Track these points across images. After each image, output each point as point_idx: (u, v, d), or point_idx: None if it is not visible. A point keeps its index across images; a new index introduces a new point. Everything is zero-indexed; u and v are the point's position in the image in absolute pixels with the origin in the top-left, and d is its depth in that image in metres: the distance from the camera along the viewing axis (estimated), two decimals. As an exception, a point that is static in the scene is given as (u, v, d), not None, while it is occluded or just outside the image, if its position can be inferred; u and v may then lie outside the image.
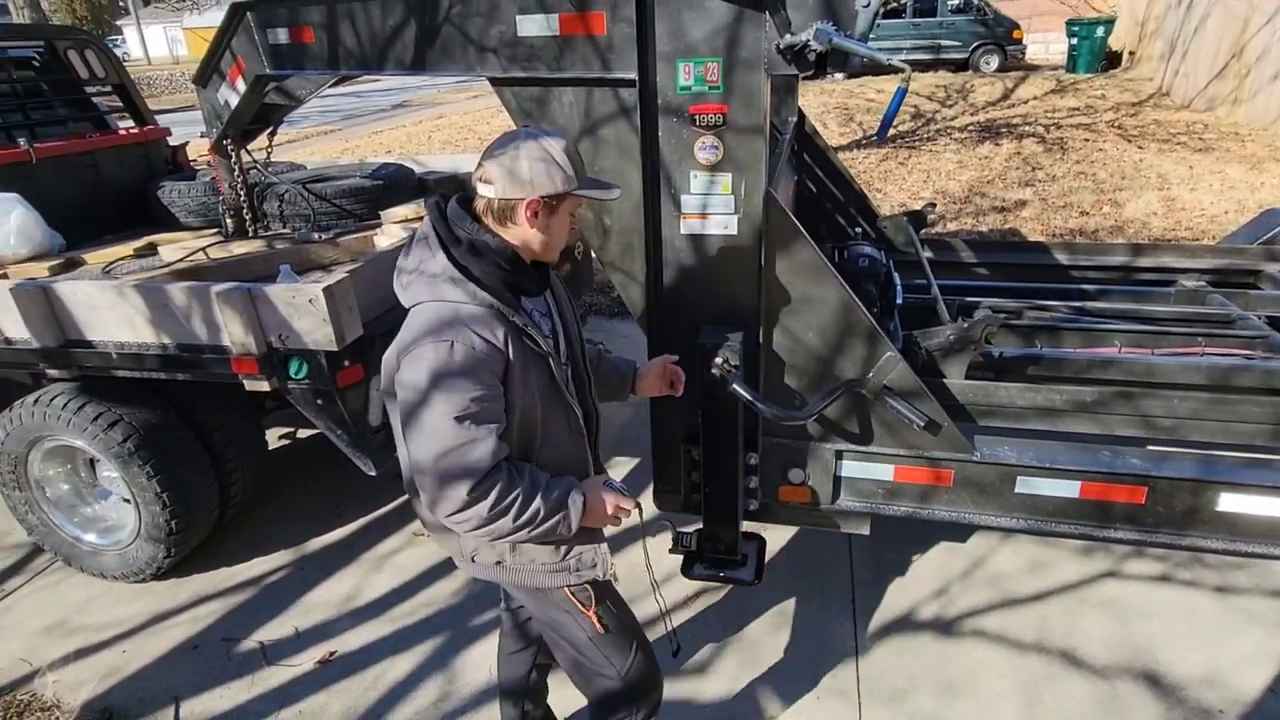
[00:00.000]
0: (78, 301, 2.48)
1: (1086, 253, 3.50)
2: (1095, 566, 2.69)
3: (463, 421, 1.31)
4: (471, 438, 1.31)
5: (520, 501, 1.36)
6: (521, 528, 1.38)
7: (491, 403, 1.34)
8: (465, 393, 1.31)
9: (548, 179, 1.37)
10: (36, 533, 2.91)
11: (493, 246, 1.40)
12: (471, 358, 1.31)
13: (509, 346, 1.36)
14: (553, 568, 1.56)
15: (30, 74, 4.25)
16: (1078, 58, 13.35)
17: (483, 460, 1.32)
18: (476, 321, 1.34)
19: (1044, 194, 6.95)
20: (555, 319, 1.56)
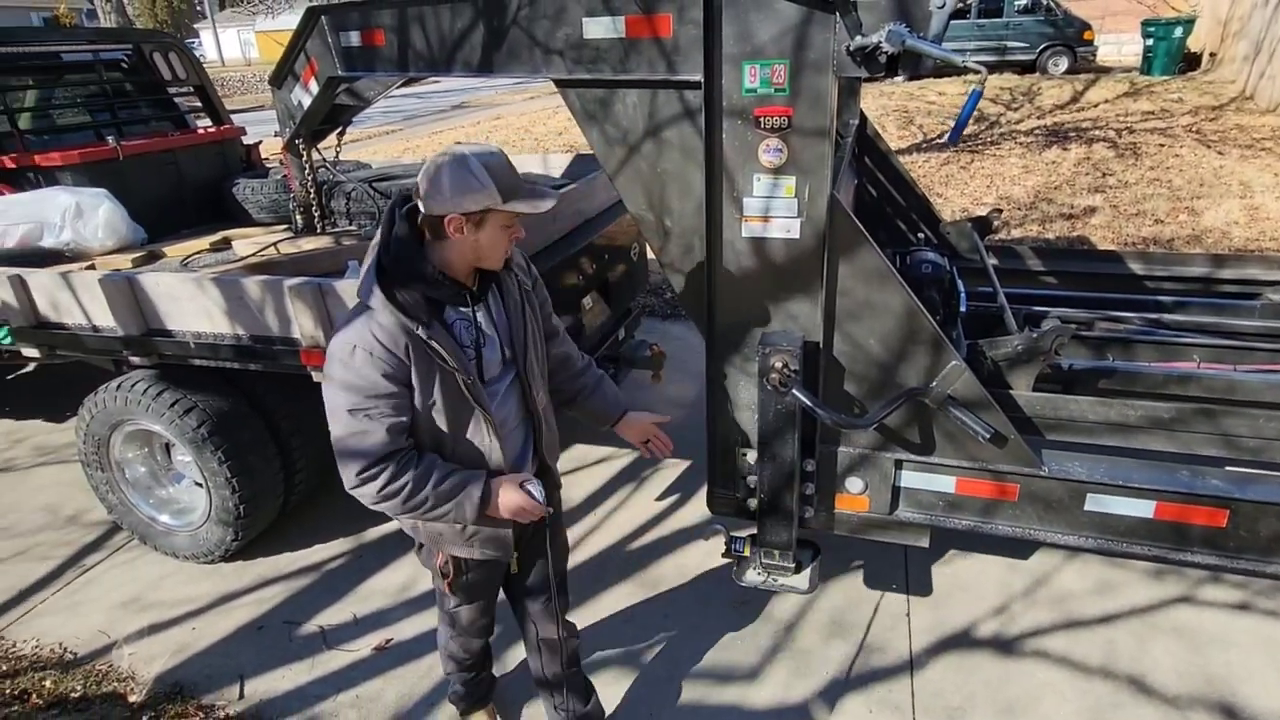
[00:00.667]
0: (160, 293, 2.60)
1: (1162, 263, 3.35)
2: (1168, 590, 2.57)
3: (355, 414, 1.49)
4: (361, 429, 1.49)
5: (408, 490, 1.52)
6: (410, 511, 1.56)
7: (385, 401, 1.49)
8: (359, 392, 1.48)
9: (467, 196, 1.45)
10: (115, 512, 3.06)
11: (416, 262, 1.51)
12: (368, 362, 1.47)
13: (410, 356, 1.50)
14: (459, 542, 1.74)
15: (118, 75, 4.49)
16: (1153, 59, 12.78)
17: (370, 451, 1.50)
18: (381, 330, 1.47)
19: (1115, 201, 6.68)
20: (485, 329, 1.63)
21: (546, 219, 3.23)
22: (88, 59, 4.32)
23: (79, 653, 2.60)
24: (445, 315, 1.57)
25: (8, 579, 2.99)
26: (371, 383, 1.48)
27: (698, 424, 2.35)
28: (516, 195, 1.49)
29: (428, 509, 1.57)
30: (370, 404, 1.49)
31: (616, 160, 2.13)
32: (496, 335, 1.66)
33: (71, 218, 3.40)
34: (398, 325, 1.48)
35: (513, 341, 1.69)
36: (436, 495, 1.55)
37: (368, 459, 1.50)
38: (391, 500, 1.54)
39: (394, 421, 1.51)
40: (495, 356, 1.66)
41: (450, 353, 1.52)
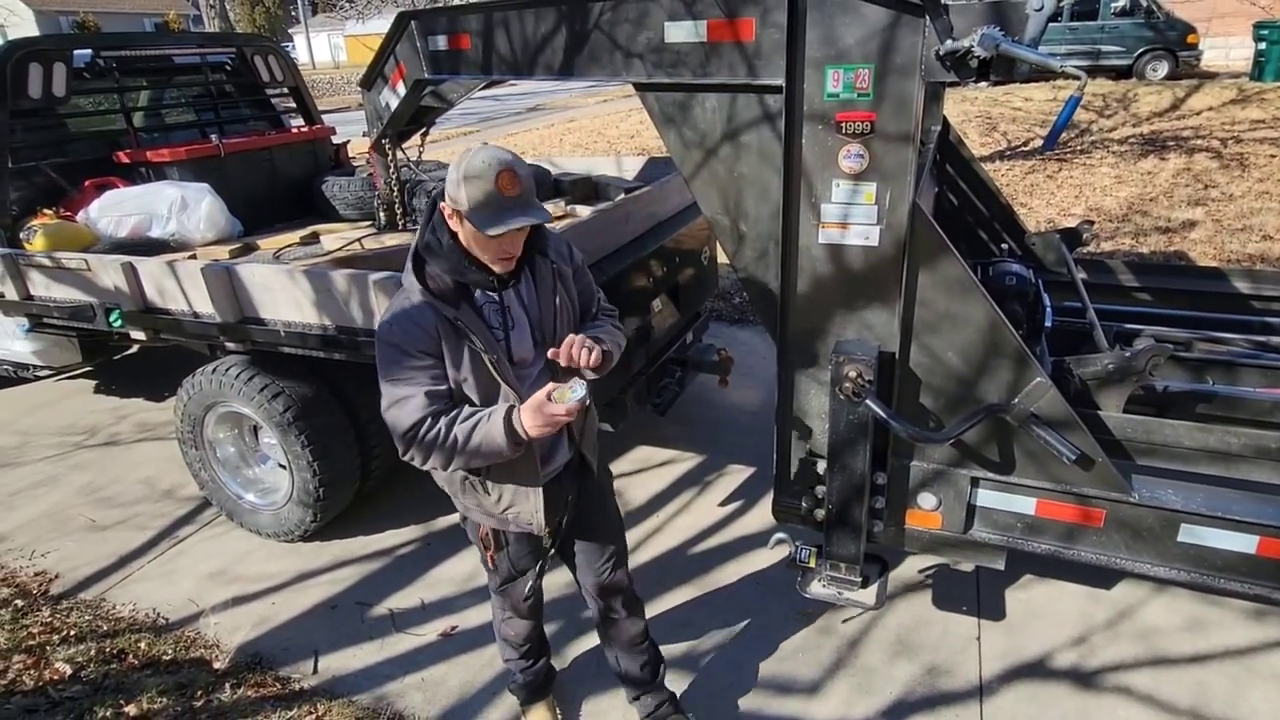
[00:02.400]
0: (255, 283, 2.75)
1: (1271, 281, 3.13)
2: (1269, 633, 2.40)
3: (396, 384, 1.61)
4: (401, 396, 1.60)
5: (440, 434, 1.59)
6: (448, 455, 1.61)
7: (420, 371, 1.60)
8: (396, 364, 1.60)
9: (451, 188, 1.55)
10: (206, 488, 3.25)
11: (444, 245, 1.61)
12: (402, 337, 1.59)
13: (440, 333, 1.59)
14: (493, 516, 1.83)
15: (222, 77, 4.76)
16: (1265, 64, 11.94)
17: (408, 416, 1.59)
18: (415, 308, 1.60)
19: (1218, 215, 6.27)
20: (515, 313, 1.70)
21: (618, 221, 3.26)
22: (195, 61, 4.61)
23: (170, 619, 2.77)
24: (475, 299, 1.66)
25: (110, 545, 3.22)
26: (406, 354, 1.59)
27: (765, 430, 2.33)
28: (482, 210, 1.52)
29: (461, 448, 1.60)
30: (407, 374, 1.59)
31: (693, 163, 2.13)
32: (527, 319, 1.72)
33: (177, 210, 3.63)
34: (427, 305, 1.59)
35: (543, 326, 1.73)
36: (463, 429, 1.59)
37: (408, 421, 1.59)
38: (432, 452, 1.60)
39: (430, 388, 1.60)
40: (525, 340, 1.72)
41: (477, 332, 1.61)
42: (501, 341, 1.67)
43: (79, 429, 4.27)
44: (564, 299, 1.76)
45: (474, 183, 1.51)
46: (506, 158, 1.54)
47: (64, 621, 2.75)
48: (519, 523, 1.84)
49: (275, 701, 2.35)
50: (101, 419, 4.38)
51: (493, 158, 1.53)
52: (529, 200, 1.56)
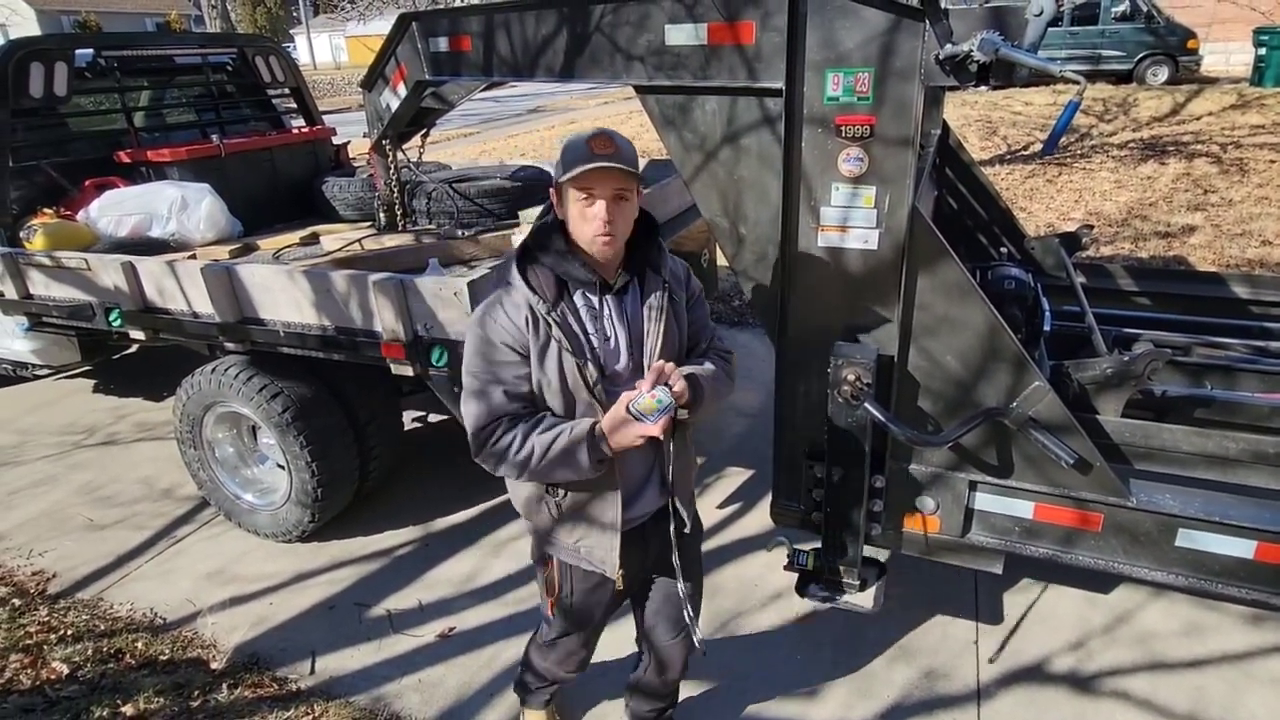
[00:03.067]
0: (255, 283, 2.75)
1: (1270, 287, 3.13)
2: (1266, 638, 2.40)
3: (477, 379, 1.53)
4: (480, 391, 1.52)
5: (516, 441, 1.50)
6: (526, 463, 1.50)
7: (505, 368, 1.52)
8: (482, 357, 1.53)
9: (554, 170, 1.52)
10: (205, 488, 3.25)
11: (554, 236, 1.55)
12: (491, 329, 1.52)
13: (530, 330, 1.51)
14: (564, 546, 1.70)
15: (223, 77, 4.77)
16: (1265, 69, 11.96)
17: (484, 413, 1.52)
18: (509, 302, 1.53)
19: (1217, 220, 6.28)
20: (615, 323, 1.58)
21: (619, 223, 3.27)
22: (196, 62, 4.61)
23: (168, 619, 2.77)
24: (575, 299, 1.56)
25: (108, 545, 3.22)
26: (492, 349, 1.52)
27: (763, 433, 2.33)
28: (571, 166, 1.45)
29: (538, 460, 1.49)
30: (491, 370, 1.52)
31: (693, 166, 2.14)
32: (626, 333, 1.59)
33: (177, 210, 3.64)
34: (522, 297, 1.51)
35: (641, 345, 1.59)
36: (542, 440, 1.49)
37: (482, 420, 1.52)
38: (505, 459, 1.51)
39: (512, 388, 1.52)
40: (619, 353, 1.59)
41: (568, 333, 1.51)
42: (594, 349, 1.55)
43: (78, 428, 4.27)
44: (670, 324, 1.60)
45: (570, 147, 1.47)
46: (605, 128, 1.50)
47: (61, 621, 2.74)
48: (591, 559, 1.68)
49: (272, 702, 2.35)
50: (100, 418, 4.38)
51: (592, 129, 1.50)
52: (624, 159, 1.46)
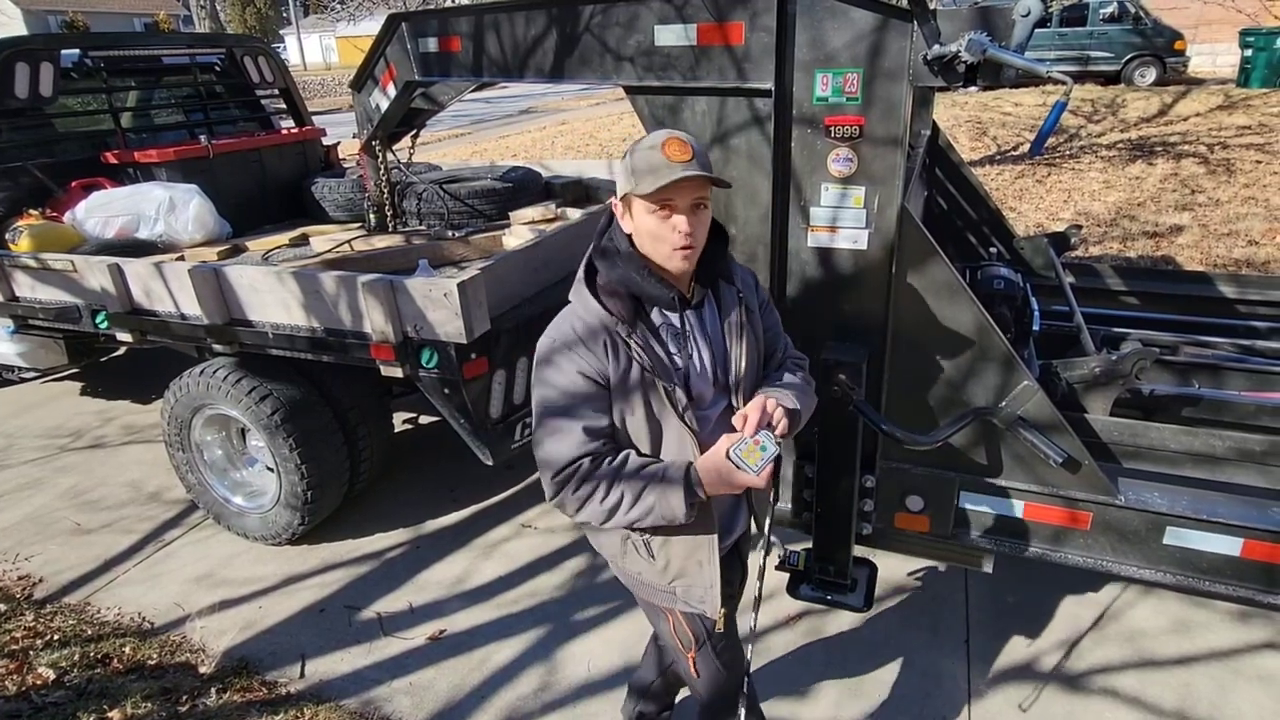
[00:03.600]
0: (243, 284, 2.73)
1: (1257, 286, 3.16)
2: (1253, 635, 2.42)
3: (553, 414, 1.38)
4: (557, 429, 1.37)
5: (602, 486, 1.36)
6: (613, 509, 1.37)
7: (584, 401, 1.37)
8: (556, 389, 1.37)
9: (618, 181, 1.40)
10: (193, 491, 3.22)
11: (622, 252, 1.40)
12: (567, 358, 1.37)
13: (609, 356, 1.36)
14: (659, 589, 1.56)
15: (211, 78, 4.74)
16: (1251, 70, 12.08)
17: (562, 452, 1.37)
18: (582, 325, 1.38)
19: (1205, 220, 6.33)
20: (697, 341, 1.45)
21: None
22: (185, 62, 4.58)
23: (156, 623, 2.75)
24: (652, 318, 1.42)
25: (95, 549, 3.19)
26: (569, 380, 1.36)
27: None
28: (645, 177, 1.31)
29: (625, 506, 1.36)
30: (567, 402, 1.37)
31: (684, 167, 2.13)
32: (709, 351, 1.47)
33: (165, 211, 3.61)
34: (598, 320, 1.37)
35: (725, 363, 1.48)
36: (631, 485, 1.35)
37: (561, 461, 1.36)
38: (586, 504, 1.37)
39: (592, 423, 1.37)
40: (705, 373, 1.46)
41: (652, 357, 1.38)
42: (679, 371, 1.42)
43: (64, 431, 4.23)
44: (749, 337, 1.50)
45: (640, 155, 1.33)
46: (676, 131, 1.37)
47: (48, 626, 2.72)
48: (688, 599, 1.55)
49: (261, 706, 2.33)
50: (87, 421, 4.34)
51: (661, 131, 1.36)
52: (704, 164, 1.34)
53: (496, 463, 2.65)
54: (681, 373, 1.43)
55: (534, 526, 3.19)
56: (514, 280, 2.70)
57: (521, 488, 3.47)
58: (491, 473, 3.31)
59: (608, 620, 2.64)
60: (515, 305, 2.69)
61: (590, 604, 2.71)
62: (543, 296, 2.79)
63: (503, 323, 2.56)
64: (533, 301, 2.75)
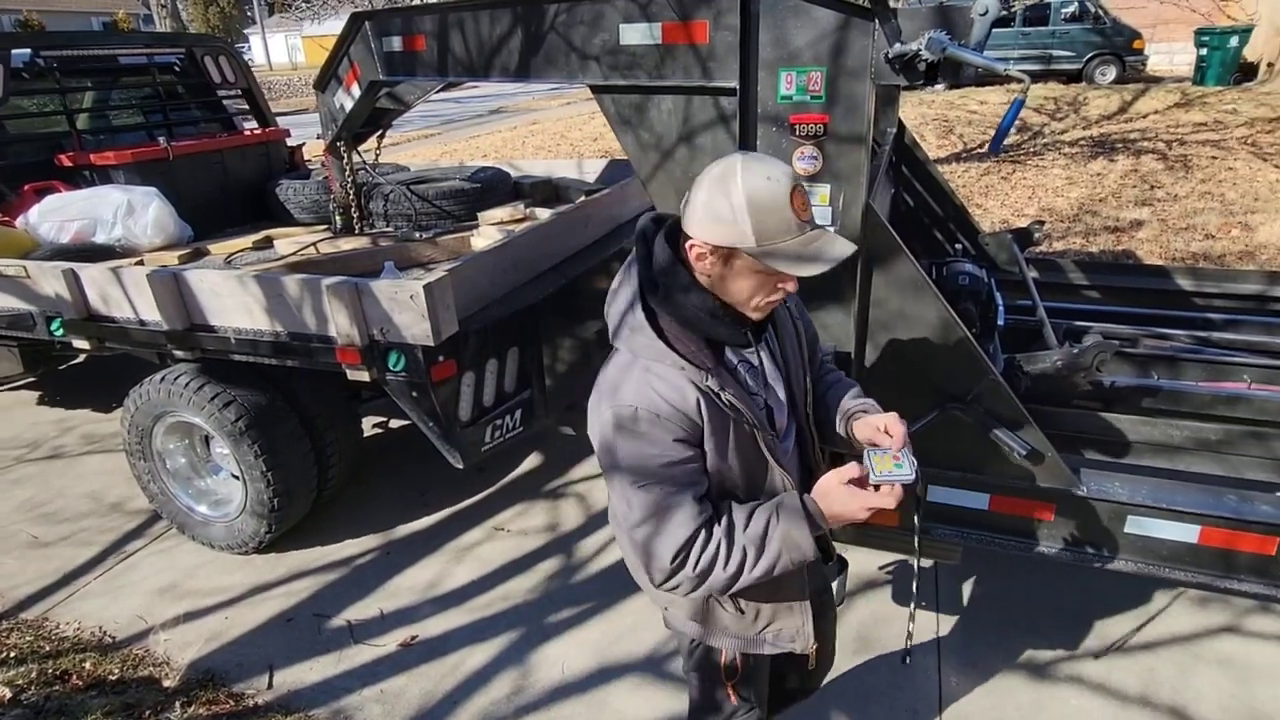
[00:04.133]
0: (204, 289, 2.67)
1: (1213, 279, 3.25)
2: (1212, 619, 2.48)
3: (652, 490, 1.20)
4: (663, 506, 1.21)
5: (721, 550, 1.21)
6: (738, 575, 1.23)
7: (683, 468, 1.22)
8: (653, 461, 1.20)
9: (713, 224, 1.15)
10: (156, 501, 3.15)
11: (691, 295, 1.22)
12: (657, 425, 1.19)
13: (702, 412, 1.21)
14: (749, 639, 1.46)
15: (171, 78, 4.64)
16: (1207, 69, 12.42)
17: (677, 533, 1.21)
18: (665, 385, 1.20)
19: (1164, 215, 6.49)
20: (768, 370, 1.35)
21: (579, 223, 3.26)
22: (143, 62, 4.47)
23: (118, 636, 2.68)
24: (726, 359, 1.29)
25: (53, 563, 3.10)
26: (664, 449, 1.20)
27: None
28: (777, 244, 1.14)
29: (752, 563, 1.22)
30: (668, 473, 1.20)
31: (650, 165, 2.14)
32: (784, 381, 1.38)
33: (123, 215, 3.52)
34: (684, 378, 1.20)
35: (801, 390, 1.40)
36: (752, 538, 1.22)
37: (678, 539, 1.21)
38: (711, 576, 1.23)
39: (699, 490, 1.24)
40: (783, 404, 1.37)
41: (745, 405, 1.24)
42: (763, 410, 1.31)
43: (21, 442, 4.11)
44: (802, 350, 1.42)
45: (763, 210, 1.12)
46: (789, 169, 1.17)
47: (3, 643, 2.63)
48: (778, 642, 1.45)
49: (228, 718, 2.29)
50: (45, 431, 4.22)
51: (780, 173, 1.14)
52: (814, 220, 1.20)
53: (467, 466, 2.62)
54: (765, 411, 1.32)
55: (506, 529, 3.16)
56: (482, 282, 2.68)
57: (493, 490, 3.44)
58: (463, 476, 3.28)
59: (582, 622, 2.63)
60: (484, 307, 2.67)
61: (564, 606, 2.70)
62: (512, 298, 2.77)
63: (471, 324, 2.54)
64: (501, 303, 2.73)
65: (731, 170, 1.14)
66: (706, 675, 1.55)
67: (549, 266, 3.01)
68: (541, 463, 3.65)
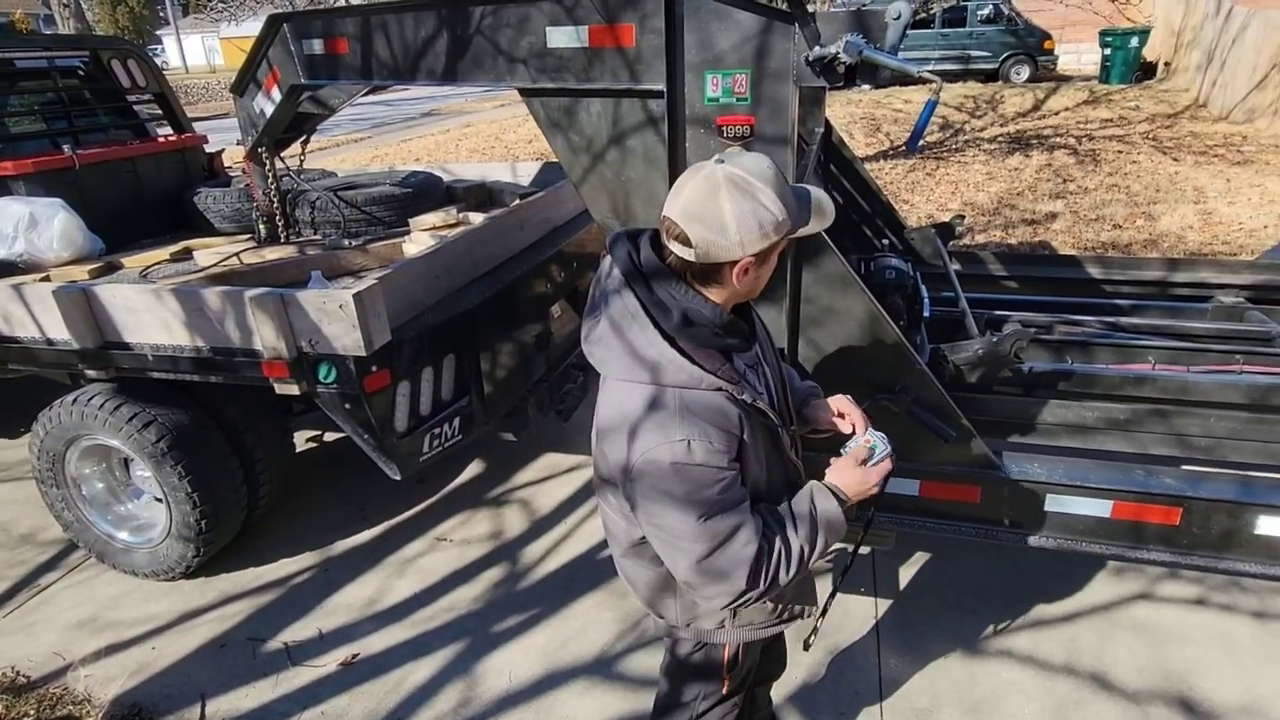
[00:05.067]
0: (116, 304, 2.54)
1: (1120, 267, 3.45)
2: (1128, 588, 2.63)
3: (715, 519, 1.20)
4: (727, 531, 1.21)
5: (781, 553, 1.26)
6: (799, 572, 1.29)
7: (735, 486, 1.23)
8: (710, 489, 1.19)
9: (759, 234, 1.15)
10: (71, 529, 2.97)
11: (706, 314, 1.22)
12: (711, 452, 1.18)
13: (743, 424, 1.23)
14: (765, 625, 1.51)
15: (75, 83, 4.39)
16: (1111, 68, 13.17)
17: (747, 549, 1.22)
18: (710, 410, 1.20)
19: (1075, 207, 6.85)
20: (764, 365, 1.39)
21: (513, 227, 3.23)
22: (42, 65, 4.22)
23: (32, 676, 2.52)
24: (737, 365, 1.30)
25: (-43, 601, 2.90)
26: (719, 474, 1.19)
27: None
28: (803, 212, 1.22)
29: (808, 560, 1.29)
30: (724, 498, 1.20)
31: (581, 168, 2.14)
32: (772, 376, 1.42)
33: (25, 228, 3.31)
34: (720, 397, 1.21)
35: (783, 382, 1.45)
36: (805, 535, 1.28)
37: (748, 556, 1.22)
38: (777, 580, 1.26)
39: (747, 502, 1.25)
40: (777, 396, 1.41)
41: (768, 407, 1.28)
42: (776, 409, 1.35)
43: (-82, 474, 3.83)
44: (769, 340, 1.48)
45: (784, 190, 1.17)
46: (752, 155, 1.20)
47: (-98, 691, 2.45)
48: (791, 614, 1.54)
49: (158, 754, 2.19)
50: (-55, 461, 3.94)
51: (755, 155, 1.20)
52: None
53: (406, 477, 2.57)
54: (776, 409, 1.36)
55: (449, 539, 3.11)
56: (415, 289, 2.63)
57: (435, 500, 3.38)
58: (402, 487, 3.21)
59: (528, 629, 2.61)
60: (417, 314, 2.62)
61: (509, 614, 2.68)
62: (446, 304, 2.72)
63: (404, 333, 2.49)
64: (436, 310, 2.68)
65: (738, 177, 1.14)
66: (698, 673, 1.57)
67: (484, 271, 2.98)
68: (483, 470, 3.61)
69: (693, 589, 1.30)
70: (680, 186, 1.19)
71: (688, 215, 1.16)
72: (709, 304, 1.22)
